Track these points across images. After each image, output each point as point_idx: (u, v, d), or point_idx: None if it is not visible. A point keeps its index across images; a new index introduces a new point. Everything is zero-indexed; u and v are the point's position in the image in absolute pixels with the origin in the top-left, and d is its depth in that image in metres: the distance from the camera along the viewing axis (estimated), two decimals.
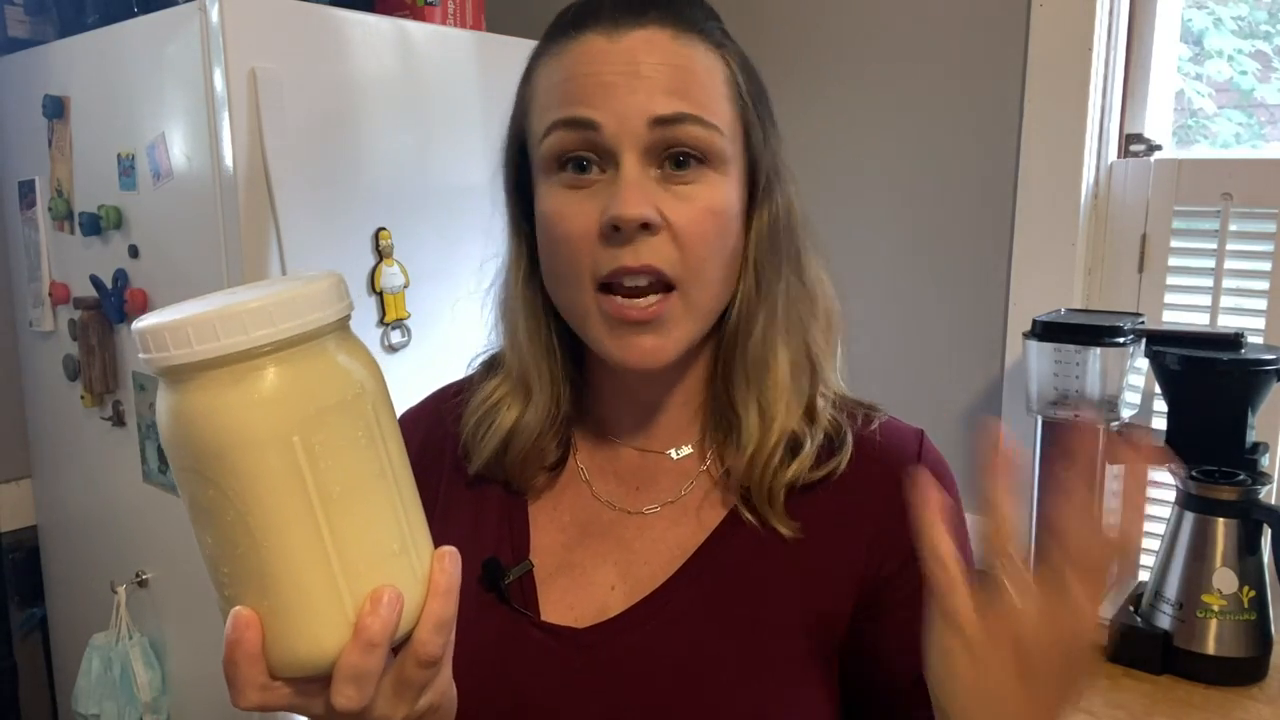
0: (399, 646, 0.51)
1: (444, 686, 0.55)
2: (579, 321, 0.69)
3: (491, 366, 0.79)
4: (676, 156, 0.65)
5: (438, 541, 0.53)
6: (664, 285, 0.66)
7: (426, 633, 0.50)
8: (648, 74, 0.64)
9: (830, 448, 0.72)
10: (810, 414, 0.72)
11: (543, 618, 0.72)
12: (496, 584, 0.72)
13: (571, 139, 0.65)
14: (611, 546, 0.73)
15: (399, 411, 0.85)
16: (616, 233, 0.64)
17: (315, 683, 0.50)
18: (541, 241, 0.69)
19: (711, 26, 0.69)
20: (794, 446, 0.71)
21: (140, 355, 0.46)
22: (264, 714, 1.17)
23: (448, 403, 0.81)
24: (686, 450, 0.75)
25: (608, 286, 0.66)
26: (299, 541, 0.46)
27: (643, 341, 0.66)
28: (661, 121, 0.64)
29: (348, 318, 0.50)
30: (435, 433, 0.80)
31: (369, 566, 0.48)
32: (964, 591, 0.53)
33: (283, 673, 0.48)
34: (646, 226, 0.64)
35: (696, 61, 0.67)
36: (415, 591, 0.50)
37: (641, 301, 0.65)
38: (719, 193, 0.67)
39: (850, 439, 0.72)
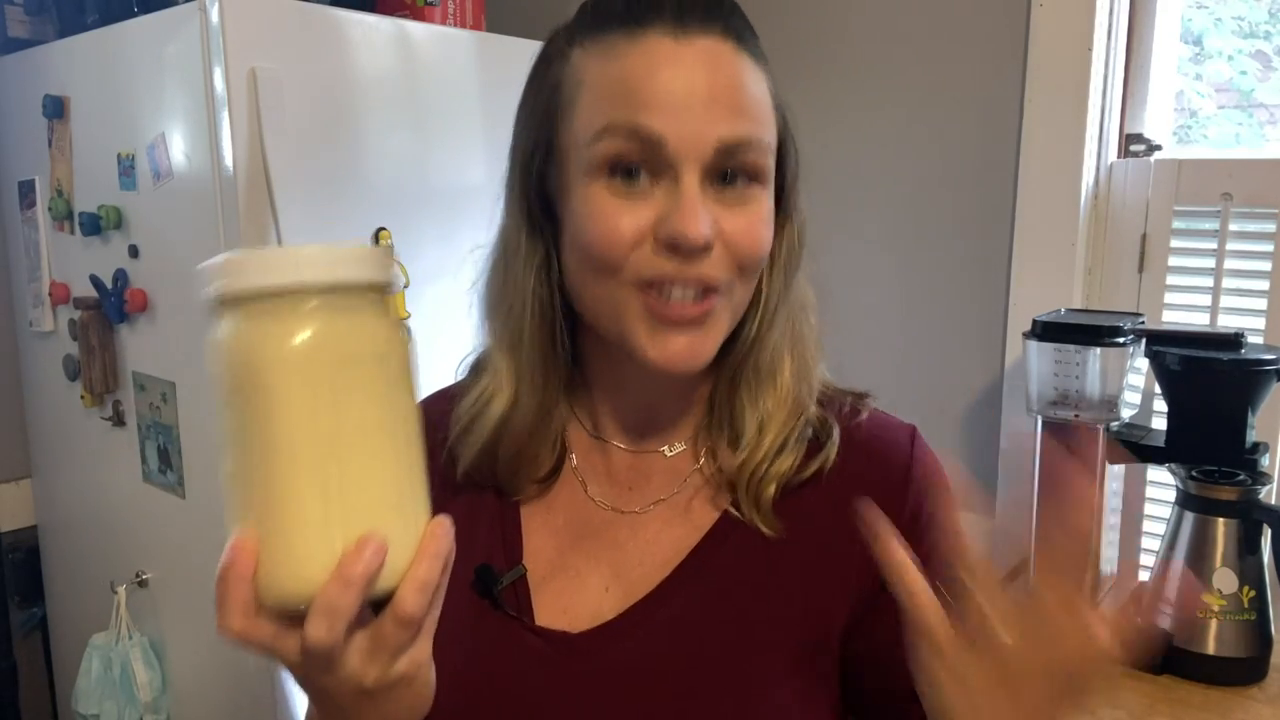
0: (382, 607, 0.51)
1: (420, 658, 0.55)
2: (612, 318, 0.67)
3: (478, 369, 0.77)
4: (726, 173, 0.65)
5: None
6: (709, 289, 0.65)
7: (408, 591, 0.50)
8: (716, 93, 0.63)
9: (818, 442, 0.72)
10: (799, 413, 0.72)
11: (537, 622, 0.71)
12: (489, 590, 0.72)
13: (632, 148, 0.63)
14: (604, 548, 0.73)
15: None
16: (673, 249, 0.63)
17: (294, 623, 0.50)
18: (577, 241, 0.66)
19: (755, 41, 0.68)
20: (782, 446, 0.71)
21: (205, 289, 0.50)
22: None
23: (438, 408, 0.80)
24: (680, 447, 0.75)
25: (650, 284, 0.65)
26: (305, 466, 0.49)
27: (682, 341, 0.65)
28: (726, 144, 0.63)
29: (388, 289, 0.54)
30: (425, 439, 0.79)
31: (364, 511, 0.50)
32: (936, 616, 0.53)
33: (267, 601, 0.50)
34: (706, 248, 0.63)
35: (754, 79, 0.66)
36: (404, 548, 0.51)
37: (690, 305, 0.64)
38: (764, 205, 0.67)
39: (837, 434, 0.72)
